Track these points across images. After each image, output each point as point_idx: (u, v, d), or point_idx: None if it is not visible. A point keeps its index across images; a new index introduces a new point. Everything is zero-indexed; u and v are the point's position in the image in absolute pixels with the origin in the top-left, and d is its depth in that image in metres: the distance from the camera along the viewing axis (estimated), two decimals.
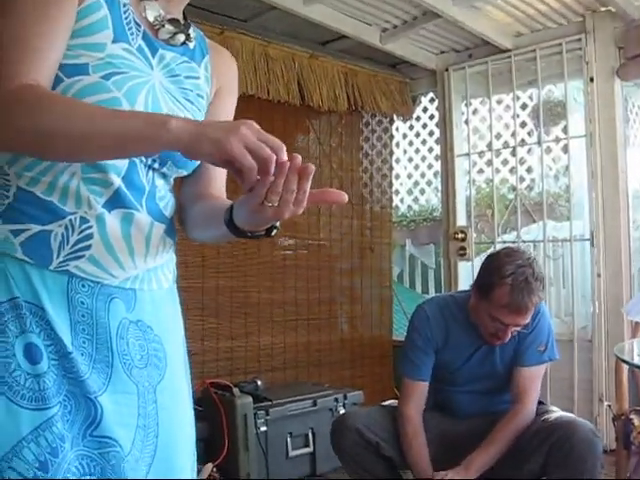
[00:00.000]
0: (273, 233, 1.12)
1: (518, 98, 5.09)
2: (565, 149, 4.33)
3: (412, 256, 6.55)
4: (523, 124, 5.63)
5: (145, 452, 1.14)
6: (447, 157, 4.44)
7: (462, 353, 2.46)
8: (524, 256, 2.34)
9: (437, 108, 4.64)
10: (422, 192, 6.95)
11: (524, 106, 5.71)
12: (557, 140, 5.05)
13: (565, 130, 4.17)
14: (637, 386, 2.84)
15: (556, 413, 2.34)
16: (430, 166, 6.79)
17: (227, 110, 1.37)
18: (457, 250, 4.30)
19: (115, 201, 1.12)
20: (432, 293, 6.24)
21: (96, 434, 1.07)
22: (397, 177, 6.85)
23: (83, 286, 1.10)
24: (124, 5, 1.15)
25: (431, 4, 3.53)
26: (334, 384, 4.00)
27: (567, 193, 4.16)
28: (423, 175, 6.92)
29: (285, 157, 0.98)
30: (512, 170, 5.19)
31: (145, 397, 1.15)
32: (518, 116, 4.92)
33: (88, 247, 1.09)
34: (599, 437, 2.18)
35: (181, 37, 1.23)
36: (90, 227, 1.09)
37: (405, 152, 7.01)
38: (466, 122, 4.44)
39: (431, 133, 6.65)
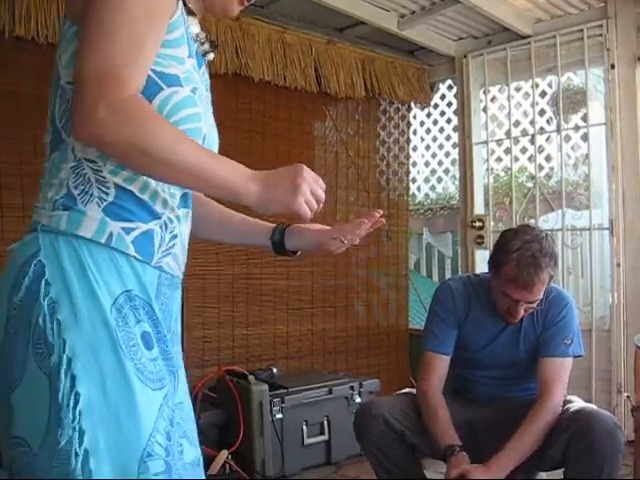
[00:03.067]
0: (299, 253, 1.47)
1: (537, 85, 5.05)
2: (585, 137, 4.28)
3: (429, 244, 6.53)
4: (542, 112, 5.58)
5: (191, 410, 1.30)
6: (465, 145, 4.40)
7: (484, 333, 2.45)
8: (534, 232, 2.32)
9: (455, 95, 4.61)
10: (439, 180, 6.92)
11: (543, 94, 5.66)
12: (577, 128, 4.99)
13: (585, 118, 4.12)
14: None
15: (577, 403, 2.31)
16: (447, 154, 6.76)
17: None
18: (475, 238, 4.27)
19: (183, 202, 1.27)
20: None
21: (176, 401, 1.21)
22: (414, 165, 6.84)
23: (166, 279, 1.24)
24: (185, 22, 1.22)
25: None
26: (350, 372, 4.00)
27: (586, 182, 4.11)
28: (440, 163, 6.89)
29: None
30: (531, 158, 5.13)
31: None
32: (537, 104, 4.87)
33: (174, 245, 1.24)
34: (620, 428, 2.15)
35: (211, 55, 1.33)
36: (175, 227, 1.24)
37: (422, 140, 6.98)
38: (484, 110, 4.40)
39: (449, 120, 6.62)
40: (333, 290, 4.34)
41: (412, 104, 4.85)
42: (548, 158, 5.86)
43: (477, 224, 4.26)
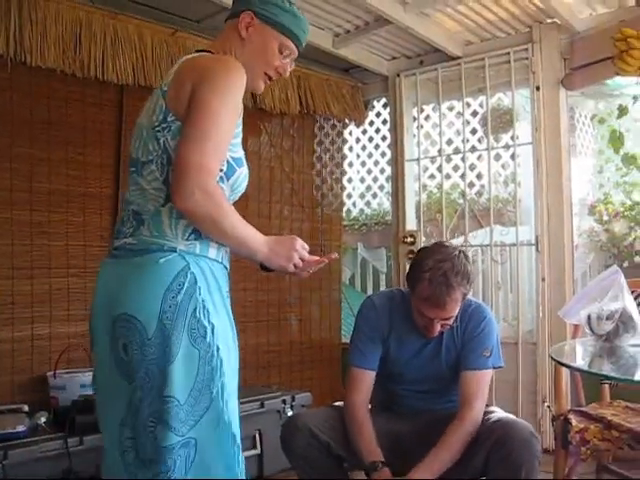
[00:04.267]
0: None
1: (469, 105, 5.18)
2: (513, 156, 4.41)
3: (364, 260, 6.59)
4: (474, 131, 5.71)
5: None
6: (398, 161, 4.48)
7: (407, 347, 2.47)
8: (447, 251, 2.35)
9: (389, 113, 4.68)
10: (374, 196, 7.00)
11: (475, 113, 5.79)
12: (506, 147, 5.14)
13: (513, 138, 4.25)
14: (576, 387, 2.91)
15: (497, 414, 2.37)
16: (382, 171, 6.85)
17: None
18: (406, 254, 4.34)
19: None
20: None
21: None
22: (350, 181, 6.91)
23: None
24: None
25: (383, 10, 3.57)
26: (283, 386, 4.01)
27: (515, 199, 4.23)
28: (376, 179, 6.98)
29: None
30: (462, 176, 5.27)
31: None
32: (468, 123, 5.00)
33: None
34: (537, 437, 2.21)
35: None
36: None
37: (358, 156, 7.06)
38: (417, 128, 4.49)
39: (384, 138, 6.71)
40: (266, 304, 4.35)
41: (347, 121, 4.93)
42: (479, 176, 5.99)
43: (409, 239, 4.34)
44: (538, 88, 3.81)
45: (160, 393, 1.53)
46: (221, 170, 1.61)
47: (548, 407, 2.76)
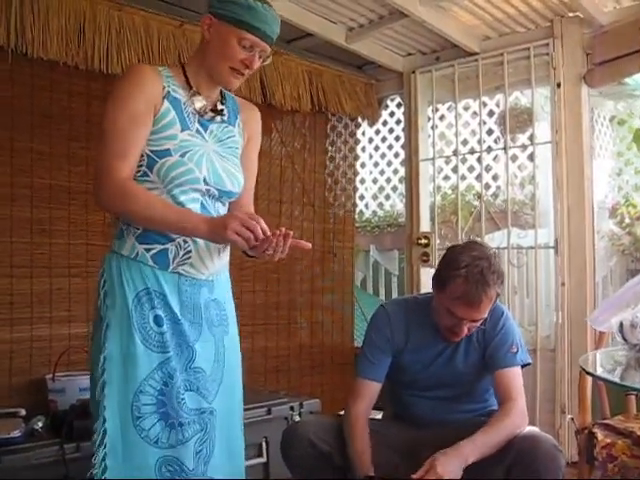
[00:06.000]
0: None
1: (485, 104, 5.04)
2: (531, 157, 4.28)
3: (376, 262, 6.47)
4: (490, 131, 5.57)
5: (217, 375, 1.91)
6: (412, 161, 4.36)
7: (424, 355, 2.38)
8: (482, 249, 2.27)
9: (404, 113, 4.56)
10: (387, 197, 6.88)
11: (491, 113, 5.66)
12: (524, 147, 5.00)
13: (531, 137, 4.11)
14: (600, 399, 2.76)
15: None
16: (396, 171, 6.73)
17: (253, 153, 2.10)
18: (420, 256, 4.22)
19: None
20: None
21: (192, 366, 1.84)
22: (362, 182, 6.79)
23: (186, 280, 1.85)
24: (184, 104, 1.87)
25: (398, 3, 3.46)
26: (292, 392, 3.88)
27: (532, 201, 4.10)
28: (389, 180, 6.86)
29: (265, 226, 1.70)
30: (478, 177, 5.14)
31: (218, 344, 1.93)
32: (485, 122, 4.86)
33: (189, 258, 1.84)
34: (561, 451, 2.09)
35: (218, 118, 1.95)
36: (189, 245, 1.83)
37: (371, 157, 6.95)
38: (432, 127, 4.36)
39: (397, 138, 6.60)
40: (275, 307, 4.23)
41: (360, 120, 4.80)
42: (495, 177, 5.87)
43: (422, 241, 4.22)
44: (559, 85, 3.68)
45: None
46: (141, 166, 1.81)
47: (571, 419, 2.60)
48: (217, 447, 1.88)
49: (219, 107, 1.96)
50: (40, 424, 2.77)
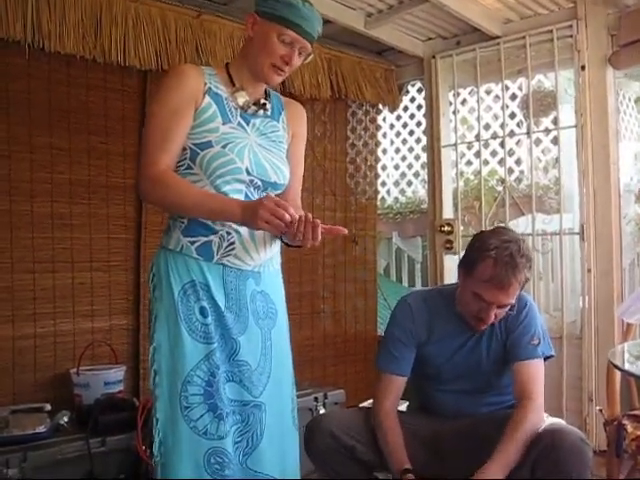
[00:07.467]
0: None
1: (507, 88, 4.96)
2: (555, 141, 4.20)
3: (399, 249, 6.43)
4: (512, 115, 5.50)
5: (264, 368, 1.94)
6: (434, 147, 4.30)
7: (447, 347, 2.35)
8: (511, 233, 2.25)
9: (425, 98, 4.50)
10: (409, 184, 6.83)
11: (513, 97, 5.58)
12: (547, 131, 4.92)
13: (555, 121, 4.04)
14: (629, 389, 2.71)
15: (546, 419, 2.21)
16: (417, 157, 6.68)
17: (299, 151, 2.13)
18: (443, 243, 4.17)
19: None
20: (418, 287, 6.12)
21: (236, 359, 1.88)
22: (384, 168, 6.74)
23: (231, 271, 1.89)
24: (225, 99, 1.93)
25: None
26: (315, 382, 3.86)
27: (557, 185, 4.03)
28: (410, 167, 6.81)
29: (293, 212, 1.69)
30: (501, 162, 5.07)
31: (265, 337, 1.95)
32: (507, 106, 4.78)
33: (233, 249, 1.88)
34: (588, 444, 2.04)
35: (261, 112, 1.99)
36: (232, 237, 1.87)
37: (392, 143, 6.89)
38: (454, 112, 4.30)
39: (419, 124, 6.55)
40: (298, 297, 4.20)
41: (381, 107, 4.75)
42: (518, 161, 5.80)
43: (446, 228, 4.17)
44: (583, 67, 3.59)
45: None
46: (184, 159, 1.88)
47: (600, 410, 2.55)
48: (268, 443, 1.91)
49: (262, 101, 2.00)
50: (65, 419, 2.79)
